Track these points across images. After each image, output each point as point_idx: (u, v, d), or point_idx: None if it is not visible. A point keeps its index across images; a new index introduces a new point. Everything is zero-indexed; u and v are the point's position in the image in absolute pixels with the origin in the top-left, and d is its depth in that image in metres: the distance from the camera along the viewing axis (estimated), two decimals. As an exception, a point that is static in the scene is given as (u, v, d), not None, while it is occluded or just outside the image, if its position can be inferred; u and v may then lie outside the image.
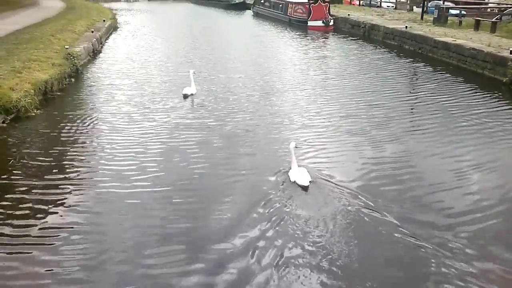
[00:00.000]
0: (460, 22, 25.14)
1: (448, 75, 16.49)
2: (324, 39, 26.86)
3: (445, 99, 13.15)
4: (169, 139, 9.49)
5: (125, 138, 9.52)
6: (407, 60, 19.63)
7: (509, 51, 15.45)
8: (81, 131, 9.92)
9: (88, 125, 10.33)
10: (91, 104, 12.13)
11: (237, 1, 50.71)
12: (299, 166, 7.65)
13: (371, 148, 9.13)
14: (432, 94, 13.73)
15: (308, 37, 27.29)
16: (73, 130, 9.92)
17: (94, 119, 10.76)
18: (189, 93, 12.72)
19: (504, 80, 14.66)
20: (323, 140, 9.57)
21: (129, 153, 8.69)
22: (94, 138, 9.54)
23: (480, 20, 23.45)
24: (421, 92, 14.25)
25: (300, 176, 7.39)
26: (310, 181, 7.30)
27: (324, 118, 11.07)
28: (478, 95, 13.65)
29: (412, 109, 12.50)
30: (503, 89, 14.28)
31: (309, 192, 7.10)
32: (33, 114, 10.66)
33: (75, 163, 8.20)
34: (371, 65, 18.47)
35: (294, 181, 7.40)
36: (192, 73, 13.17)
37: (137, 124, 10.40)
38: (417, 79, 16.34)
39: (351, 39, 26.31)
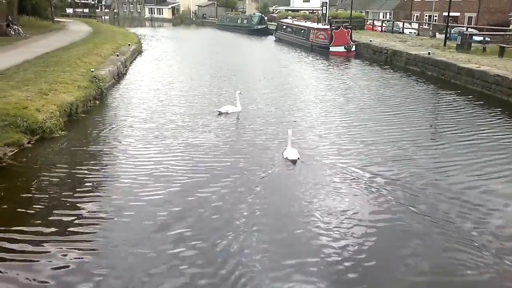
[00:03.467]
0: (484, 48, 24.92)
1: (472, 102, 16.24)
2: (347, 65, 26.83)
3: (470, 127, 12.94)
4: (194, 167, 9.33)
5: (148, 162, 9.49)
6: (431, 86, 19.46)
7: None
8: (104, 154, 10.00)
9: (111, 148, 10.42)
10: (114, 127, 12.22)
11: (259, 27, 51.54)
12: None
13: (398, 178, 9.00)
14: (456, 122, 13.50)
15: (331, 63, 27.30)
16: (96, 154, 10.02)
17: (117, 142, 10.87)
18: (230, 111, 13.53)
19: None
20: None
21: (151, 178, 8.62)
22: (117, 162, 9.58)
23: (504, 46, 23.21)
24: (445, 119, 14.03)
25: (290, 153, 9.47)
26: (298, 158, 9.35)
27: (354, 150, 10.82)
28: (507, 124, 13.41)
29: (436, 136, 12.29)
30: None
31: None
32: (58, 135, 10.84)
33: (97, 187, 8.24)
34: (395, 92, 18.24)
35: (286, 158, 9.43)
36: (238, 93, 13.94)
37: (160, 149, 10.43)
38: (441, 105, 16.10)
39: (374, 65, 26.28)
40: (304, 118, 13.44)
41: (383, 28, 43.92)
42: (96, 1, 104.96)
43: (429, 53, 23.64)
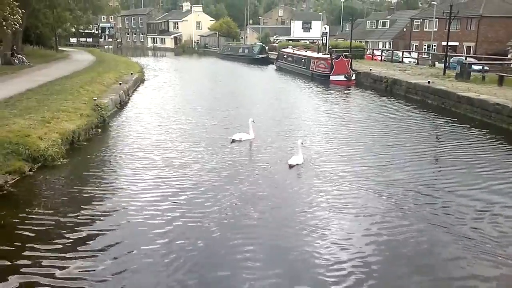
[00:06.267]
0: (483, 77, 25.13)
1: (473, 130, 16.28)
2: (347, 94, 26.96)
3: (473, 155, 12.96)
4: (196, 194, 9.36)
5: (149, 192, 9.41)
6: (431, 115, 19.49)
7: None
8: (105, 183, 9.94)
9: (112, 177, 10.37)
10: (116, 155, 12.18)
11: (260, 56, 52.25)
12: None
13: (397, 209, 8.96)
14: (458, 149, 13.54)
15: (332, 92, 27.37)
16: (97, 182, 9.95)
17: (118, 171, 10.83)
18: (244, 139, 13.65)
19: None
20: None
21: (152, 209, 8.53)
22: (118, 190, 9.52)
23: (503, 75, 23.42)
24: (447, 147, 14.03)
25: (292, 159, 11.09)
26: (296, 163, 10.94)
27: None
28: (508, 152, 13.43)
29: (439, 164, 12.28)
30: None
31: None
32: (60, 163, 10.81)
33: (97, 216, 8.15)
34: (397, 121, 18.24)
35: (287, 162, 11.05)
36: (251, 121, 14.02)
37: (161, 177, 10.38)
38: (442, 133, 16.12)
39: (374, 94, 26.41)
40: (317, 147, 13.28)
41: (383, 57, 44.46)
42: (100, 31, 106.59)
43: (429, 82, 23.83)
